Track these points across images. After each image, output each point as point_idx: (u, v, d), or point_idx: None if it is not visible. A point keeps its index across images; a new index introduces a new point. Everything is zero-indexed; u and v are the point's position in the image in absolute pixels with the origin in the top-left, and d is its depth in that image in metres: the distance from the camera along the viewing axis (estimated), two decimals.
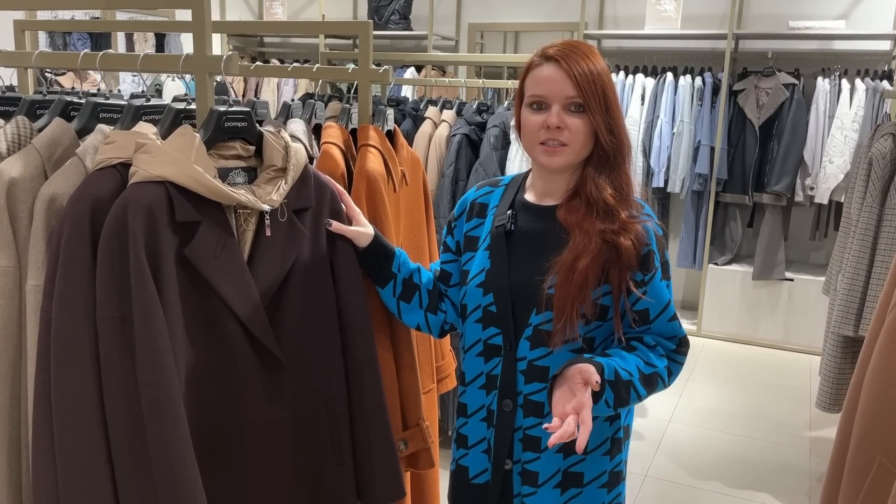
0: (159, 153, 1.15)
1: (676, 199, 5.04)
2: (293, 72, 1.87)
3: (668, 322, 1.36)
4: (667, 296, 1.35)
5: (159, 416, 1.11)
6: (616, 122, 1.34)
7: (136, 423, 1.11)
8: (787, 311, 4.70)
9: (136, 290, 1.10)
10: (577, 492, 1.37)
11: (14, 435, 1.19)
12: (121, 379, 1.11)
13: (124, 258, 1.10)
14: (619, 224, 1.30)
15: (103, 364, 1.11)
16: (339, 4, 5.98)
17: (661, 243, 1.35)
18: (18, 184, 1.18)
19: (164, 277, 1.13)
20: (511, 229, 1.39)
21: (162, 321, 1.11)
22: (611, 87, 1.33)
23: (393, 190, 1.74)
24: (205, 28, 1.22)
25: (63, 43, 4.63)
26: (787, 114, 4.51)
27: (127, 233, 1.10)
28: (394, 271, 1.48)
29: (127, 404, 1.11)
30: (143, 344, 1.10)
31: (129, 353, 1.11)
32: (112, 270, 1.10)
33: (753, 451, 3.36)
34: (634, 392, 1.28)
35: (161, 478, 1.11)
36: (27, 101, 1.37)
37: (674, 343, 1.37)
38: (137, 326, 1.10)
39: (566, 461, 1.36)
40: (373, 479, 1.42)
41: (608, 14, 5.25)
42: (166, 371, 1.11)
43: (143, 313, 1.10)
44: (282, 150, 1.32)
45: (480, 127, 3.05)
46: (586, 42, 1.38)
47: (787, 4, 4.77)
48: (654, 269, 1.32)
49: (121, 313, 1.10)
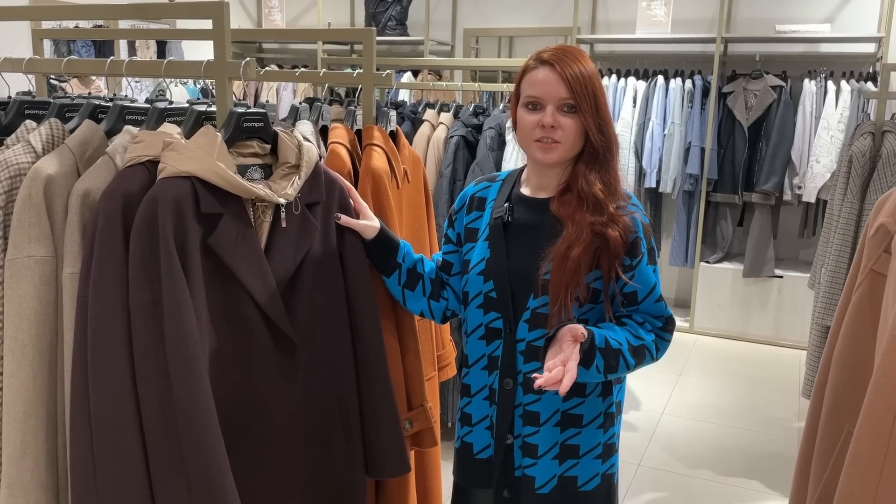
0: (185, 151, 1.25)
1: (668, 199, 5.15)
2: (301, 77, 1.98)
3: (655, 303, 1.47)
4: (653, 279, 1.46)
5: (188, 391, 1.21)
6: (605, 122, 1.45)
7: (166, 398, 1.21)
8: (777, 308, 4.82)
9: (166, 277, 1.20)
10: (573, 462, 1.48)
11: (51, 412, 1.29)
12: (152, 357, 1.21)
13: (154, 247, 1.21)
14: (607, 216, 1.41)
15: (135, 344, 1.21)
16: (336, 11, 6.09)
17: (648, 231, 1.46)
18: (54, 180, 1.28)
19: (191, 265, 1.24)
20: (508, 221, 1.50)
21: (190, 304, 1.22)
22: (600, 89, 1.44)
23: (396, 187, 1.84)
24: (225, 37, 1.32)
25: (67, 50, 4.73)
26: (774, 115, 4.63)
27: (157, 224, 1.20)
28: (398, 261, 1.59)
29: (158, 380, 1.21)
30: (173, 325, 1.20)
31: (159, 334, 1.21)
32: (143, 258, 1.21)
33: (744, 441, 3.47)
34: (623, 361, 1.39)
35: (190, 449, 1.21)
36: (57, 105, 1.48)
37: (661, 321, 1.49)
38: (167, 309, 1.20)
39: (563, 434, 1.47)
40: (380, 454, 1.53)
41: (600, 19, 5.37)
42: (194, 350, 1.22)
43: (172, 297, 1.20)
44: (295, 149, 1.43)
45: (477, 129, 3.17)
46: (578, 47, 1.49)
47: (774, 8, 4.89)
48: (640, 255, 1.44)
49: (152, 297, 1.21)
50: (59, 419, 1.31)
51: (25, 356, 1.25)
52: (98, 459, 1.21)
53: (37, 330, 1.26)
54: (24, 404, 1.25)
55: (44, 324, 1.27)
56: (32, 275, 1.26)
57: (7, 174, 1.29)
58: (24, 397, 1.25)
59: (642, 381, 4.14)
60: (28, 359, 1.25)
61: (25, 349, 1.25)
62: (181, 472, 1.21)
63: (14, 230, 1.26)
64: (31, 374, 1.26)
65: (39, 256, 1.26)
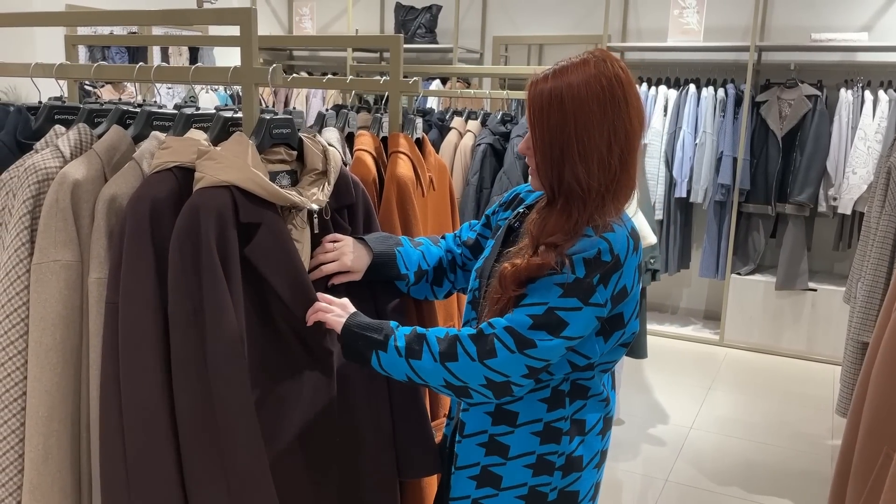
0: (222, 159, 1.25)
1: (699, 209, 5.08)
2: (328, 83, 1.97)
3: (525, 315, 1.24)
4: (547, 297, 1.24)
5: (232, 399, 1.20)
6: (565, 160, 1.25)
7: (207, 407, 1.20)
8: (810, 322, 4.71)
9: (209, 287, 1.19)
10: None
11: (75, 416, 1.29)
12: (193, 367, 1.20)
13: (196, 257, 1.19)
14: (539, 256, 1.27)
15: (174, 353, 1.20)
16: (366, 19, 6.12)
17: (594, 266, 1.24)
18: (82, 185, 1.28)
19: (232, 274, 1.23)
20: (514, 226, 1.46)
21: (233, 314, 1.20)
22: (582, 111, 1.23)
23: (421, 195, 1.83)
24: (252, 43, 1.32)
25: (102, 56, 4.81)
26: (809, 125, 4.54)
27: (199, 234, 1.19)
28: (403, 273, 1.52)
29: (198, 389, 1.20)
30: (216, 335, 1.19)
31: (201, 344, 1.20)
32: (184, 268, 1.20)
33: (775, 458, 3.39)
34: (426, 346, 1.27)
35: (234, 455, 1.20)
36: (86, 110, 1.49)
37: (495, 328, 1.25)
38: (210, 319, 1.19)
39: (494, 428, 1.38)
40: (411, 456, 1.51)
41: (631, 27, 5.33)
42: (238, 359, 1.20)
43: (216, 307, 1.19)
44: (321, 154, 1.42)
45: (504, 137, 3.15)
46: (605, 52, 1.30)
47: (809, 16, 4.81)
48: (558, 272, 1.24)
49: (192, 306, 1.20)
50: (82, 424, 1.31)
51: (49, 360, 1.25)
52: (131, 466, 1.20)
53: (61, 334, 1.26)
54: (47, 408, 1.25)
55: (68, 328, 1.27)
56: (58, 279, 1.26)
57: (35, 178, 1.29)
58: (47, 401, 1.25)
59: (670, 394, 4.07)
60: (51, 363, 1.26)
61: (49, 353, 1.25)
62: (221, 481, 1.20)
63: (41, 234, 1.26)
64: (54, 378, 1.26)
65: (65, 261, 1.27)
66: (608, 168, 1.27)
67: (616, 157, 1.26)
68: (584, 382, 1.39)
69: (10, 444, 1.27)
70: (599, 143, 1.25)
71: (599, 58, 1.27)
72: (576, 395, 1.39)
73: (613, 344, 1.37)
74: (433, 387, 1.31)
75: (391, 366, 1.30)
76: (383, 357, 1.30)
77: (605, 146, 1.25)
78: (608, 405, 1.45)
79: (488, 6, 5.74)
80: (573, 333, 1.26)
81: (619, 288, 1.28)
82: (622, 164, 1.28)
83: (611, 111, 1.24)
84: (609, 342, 1.36)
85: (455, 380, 1.27)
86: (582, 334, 1.28)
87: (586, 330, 1.28)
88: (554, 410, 1.37)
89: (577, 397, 1.39)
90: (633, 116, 1.27)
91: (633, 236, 1.31)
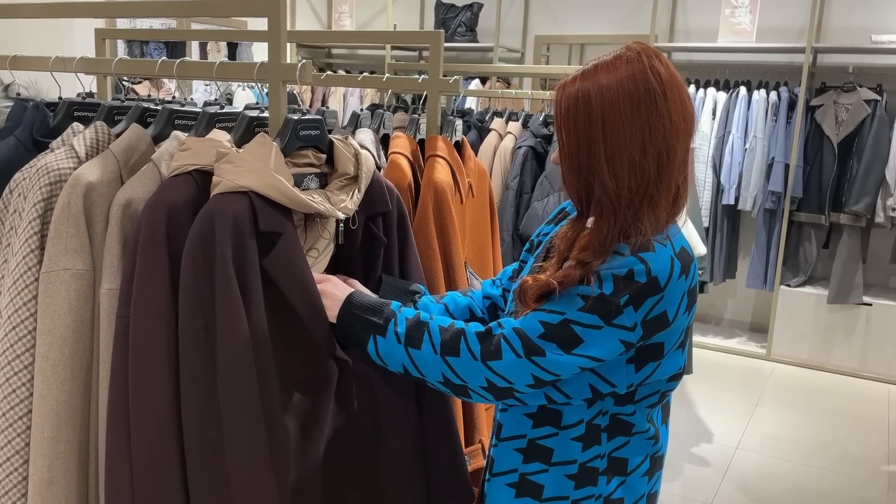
0: (242, 163, 1.14)
1: (747, 216, 4.87)
2: (363, 81, 1.87)
3: (537, 322, 1.12)
4: (567, 307, 1.11)
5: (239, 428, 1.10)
6: (592, 166, 1.12)
7: (216, 433, 1.10)
8: (864, 337, 4.48)
9: (222, 301, 1.09)
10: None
11: (83, 437, 1.20)
12: (203, 389, 1.10)
13: (210, 268, 1.09)
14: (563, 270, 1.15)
15: (183, 373, 1.10)
16: (406, 17, 6.03)
17: (624, 285, 1.10)
18: (95, 188, 1.19)
19: (250, 287, 1.12)
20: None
21: (247, 332, 1.10)
22: (603, 119, 1.10)
23: (460, 201, 1.71)
24: (280, 37, 1.21)
25: (140, 52, 4.79)
26: (868, 131, 4.32)
27: (214, 244, 1.09)
28: None
29: (206, 413, 1.10)
30: (227, 355, 1.09)
31: (211, 363, 1.10)
32: (197, 281, 1.09)
33: (827, 484, 3.20)
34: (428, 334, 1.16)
35: (241, 495, 1.10)
36: (105, 107, 1.40)
37: (504, 330, 1.14)
38: (221, 337, 1.09)
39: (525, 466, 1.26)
40: (443, 485, 1.39)
41: (679, 26, 5.14)
42: (249, 382, 1.10)
43: (228, 324, 1.09)
44: (352, 158, 1.31)
45: (546, 139, 3.01)
46: (643, 45, 1.15)
47: (869, 17, 4.58)
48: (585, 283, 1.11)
49: (204, 322, 1.10)
50: (91, 446, 1.22)
51: (57, 377, 1.16)
52: (137, 493, 1.11)
53: (70, 349, 1.17)
54: (52, 428, 1.16)
55: (78, 342, 1.18)
56: (68, 289, 1.17)
57: (46, 180, 1.21)
58: (54, 421, 1.16)
59: (714, 410, 3.89)
60: (59, 380, 1.17)
61: (57, 369, 1.16)
62: None
63: (51, 241, 1.17)
64: (62, 396, 1.17)
65: (76, 270, 1.18)
66: (642, 173, 1.11)
67: (652, 160, 1.11)
68: (625, 418, 1.23)
69: (13, 465, 1.18)
70: (631, 145, 1.10)
71: (635, 51, 1.13)
72: (615, 430, 1.23)
73: (647, 376, 1.19)
74: (430, 383, 1.18)
75: (388, 354, 1.18)
76: (381, 343, 1.18)
77: (639, 149, 1.10)
78: (657, 443, 1.29)
79: (531, 4, 5.60)
80: (588, 353, 1.10)
81: (655, 314, 1.11)
82: (660, 169, 1.12)
83: (645, 110, 1.10)
84: (641, 373, 1.18)
85: (454, 377, 1.15)
86: (601, 357, 1.12)
87: (608, 354, 1.12)
88: (589, 448, 1.22)
89: (617, 433, 1.24)
90: (673, 114, 1.11)
91: (680, 258, 1.14)
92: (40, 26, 3.78)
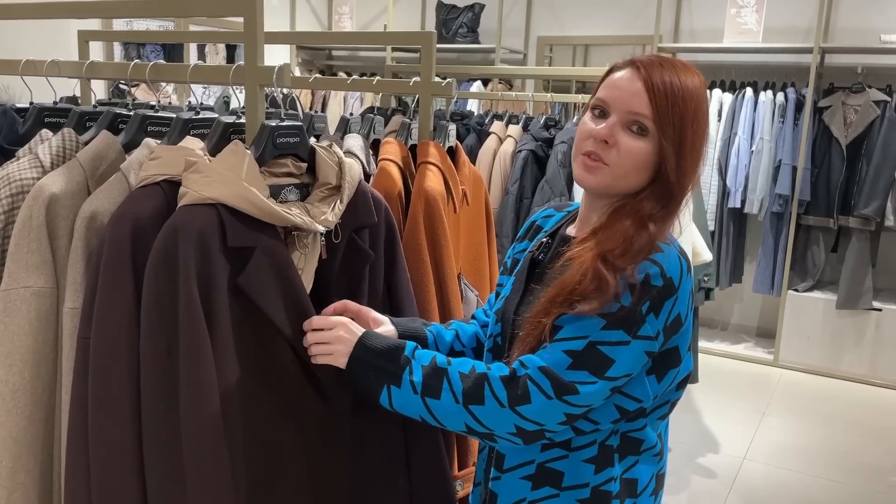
0: (211, 172, 1.07)
1: (754, 220, 4.78)
2: (352, 84, 1.79)
3: (560, 352, 1.06)
4: (588, 331, 1.05)
5: (202, 457, 1.02)
6: (687, 159, 1.13)
7: (177, 464, 1.02)
8: (873, 343, 4.39)
9: (185, 322, 1.01)
10: None
11: (46, 467, 1.13)
12: (163, 415, 1.02)
13: (173, 286, 1.02)
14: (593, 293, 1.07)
15: (144, 399, 1.03)
16: (407, 18, 5.95)
17: (642, 292, 1.06)
18: (59, 200, 1.12)
19: (216, 307, 1.05)
20: (540, 259, 1.24)
21: (210, 356, 1.02)
22: (697, 114, 1.13)
23: (453, 210, 1.63)
24: (257, 37, 1.14)
25: (137, 55, 4.72)
26: (877, 132, 4.22)
27: (177, 260, 1.01)
28: None
29: (168, 443, 1.02)
30: (189, 381, 1.02)
31: (173, 388, 1.02)
32: (159, 300, 1.02)
33: (837, 496, 3.11)
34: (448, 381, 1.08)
35: None
36: (77, 113, 1.32)
37: (528, 370, 1.07)
38: (184, 361, 1.02)
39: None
40: None
41: (684, 27, 5.05)
42: (212, 410, 1.02)
43: (191, 347, 1.01)
44: (335, 167, 1.23)
45: (547, 143, 2.93)
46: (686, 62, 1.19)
47: (878, 17, 4.48)
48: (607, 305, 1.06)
49: (166, 344, 1.02)
50: (54, 474, 1.14)
51: (17, 402, 1.09)
52: None
53: (31, 372, 1.10)
54: (12, 458, 1.08)
55: (40, 366, 1.11)
56: (29, 308, 1.09)
57: (8, 191, 1.13)
58: (13, 450, 1.08)
59: (720, 419, 3.80)
60: (20, 405, 1.09)
61: (17, 394, 1.09)
62: None
63: (11, 256, 1.10)
64: (22, 423, 1.09)
65: (37, 288, 1.10)
66: (693, 175, 1.16)
67: (700, 163, 1.17)
68: (635, 434, 1.17)
69: None
70: (702, 146, 1.16)
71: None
72: (626, 450, 1.18)
73: (668, 384, 1.15)
74: (450, 429, 1.12)
75: (404, 404, 1.11)
76: (395, 394, 1.11)
77: (703, 151, 1.17)
78: (661, 460, 1.23)
79: (533, 5, 5.52)
80: (619, 373, 1.06)
81: (672, 317, 1.09)
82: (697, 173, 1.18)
83: (707, 115, 1.19)
84: (663, 382, 1.14)
85: (479, 426, 1.08)
86: (629, 373, 1.08)
87: (634, 368, 1.09)
88: (602, 471, 1.16)
89: (628, 453, 1.18)
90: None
91: (683, 255, 1.13)
92: (37, 30, 3.71)
